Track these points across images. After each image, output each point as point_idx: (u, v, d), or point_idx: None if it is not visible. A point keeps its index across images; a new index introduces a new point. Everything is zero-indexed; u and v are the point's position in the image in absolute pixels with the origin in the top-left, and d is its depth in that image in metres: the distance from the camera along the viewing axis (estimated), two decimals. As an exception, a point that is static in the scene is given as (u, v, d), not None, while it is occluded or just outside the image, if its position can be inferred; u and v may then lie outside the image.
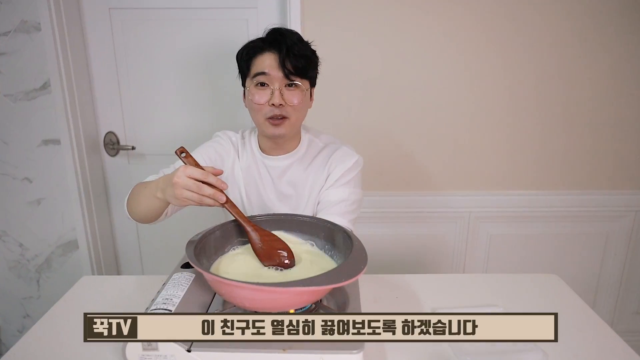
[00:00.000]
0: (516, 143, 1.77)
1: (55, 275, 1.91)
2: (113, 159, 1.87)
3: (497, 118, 1.74)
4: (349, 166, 1.16)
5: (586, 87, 1.71)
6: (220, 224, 0.96)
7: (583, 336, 0.89)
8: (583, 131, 1.76)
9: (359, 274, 0.73)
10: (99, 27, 1.73)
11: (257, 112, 1.12)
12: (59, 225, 1.84)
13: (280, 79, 1.08)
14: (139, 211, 1.05)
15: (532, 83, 1.70)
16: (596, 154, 1.78)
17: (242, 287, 0.72)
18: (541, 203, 1.82)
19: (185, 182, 0.83)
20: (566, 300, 1.03)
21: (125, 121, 1.83)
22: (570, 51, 1.67)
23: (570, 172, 1.81)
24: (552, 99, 1.72)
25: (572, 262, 1.89)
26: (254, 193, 1.22)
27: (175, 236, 1.94)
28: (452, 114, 1.73)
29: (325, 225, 0.97)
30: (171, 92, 1.79)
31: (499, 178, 1.81)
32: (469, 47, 1.66)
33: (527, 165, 1.80)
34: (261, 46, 1.10)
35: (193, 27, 1.72)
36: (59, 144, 1.73)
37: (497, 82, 1.70)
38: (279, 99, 1.08)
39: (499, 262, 1.90)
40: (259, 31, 1.71)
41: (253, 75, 1.11)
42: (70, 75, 1.68)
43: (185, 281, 0.88)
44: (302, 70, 1.09)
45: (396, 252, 1.86)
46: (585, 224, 1.85)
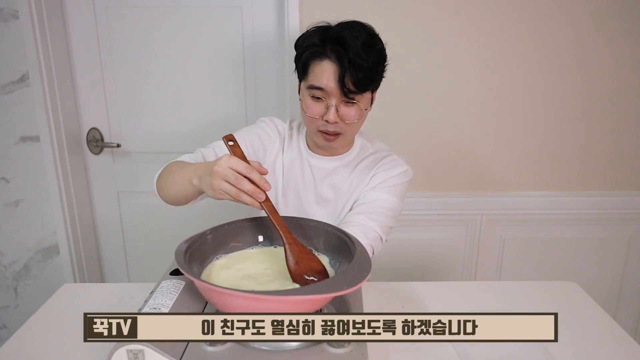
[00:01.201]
0: (531, 141, 1.77)
1: (35, 283, 1.90)
2: (97, 157, 1.87)
3: (510, 114, 1.74)
4: (395, 173, 1.15)
5: (606, 81, 1.70)
6: (212, 228, 0.96)
7: (604, 348, 0.88)
8: (603, 128, 1.76)
9: (361, 282, 0.72)
10: (82, 15, 1.72)
11: (309, 122, 1.12)
12: (38, 228, 1.83)
13: (337, 95, 1.05)
14: (170, 193, 1.03)
15: (548, 77, 1.70)
16: (617, 152, 1.78)
17: (235, 295, 0.71)
18: (558, 205, 1.82)
19: (226, 173, 0.81)
20: (586, 309, 1.02)
21: (109, 117, 1.83)
22: (591, 43, 1.66)
23: (590, 172, 1.80)
24: (569, 94, 1.72)
25: (592, 268, 1.89)
26: (292, 193, 1.21)
27: (164, 241, 1.94)
28: (461, 110, 1.73)
29: (326, 229, 0.96)
30: (160, 86, 1.78)
31: (513, 178, 1.81)
32: (479, 41, 1.66)
33: (543, 165, 1.79)
34: (321, 51, 1.04)
35: (183, 15, 1.71)
36: (38, 141, 1.73)
37: (509, 76, 1.70)
38: (334, 116, 1.06)
39: (512, 268, 1.89)
40: (253, 19, 1.72)
41: (308, 86, 1.08)
42: (51, 67, 1.68)
43: (175, 289, 0.88)
44: (363, 85, 1.05)
45: (402, 258, 1.86)
46: (605, 227, 1.85)
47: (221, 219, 1.01)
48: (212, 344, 0.76)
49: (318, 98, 1.07)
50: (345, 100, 1.06)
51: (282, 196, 1.21)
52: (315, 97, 1.07)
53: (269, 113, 1.76)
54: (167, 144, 1.82)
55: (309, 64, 1.07)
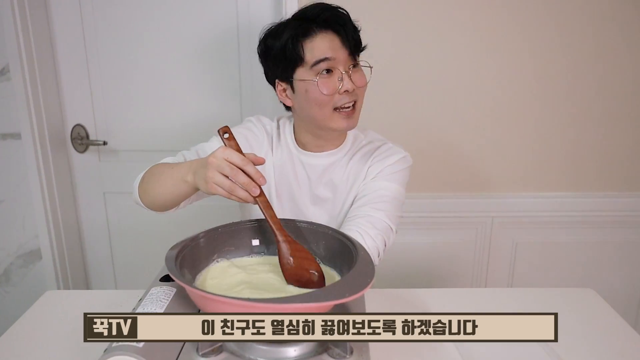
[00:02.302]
0: (545, 139, 1.77)
1: (15, 290, 1.90)
2: (82, 156, 1.87)
3: (522, 111, 1.74)
4: (392, 161, 1.17)
5: (625, 76, 1.71)
6: (205, 231, 0.96)
7: (623, 359, 0.88)
8: (622, 125, 1.76)
9: (364, 289, 0.73)
10: (66, 3, 1.73)
11: (323, 106, 1.09)
12: (19, 231, 1.84)
13: (344, 61, 1.08)
14: (157, 194, 1.03)
15: (564, 72, 1.70)
16: (636, 150, 1.78)
17: (230, 303, 0.71)
18: (574, 206, 1.82)
19: (220, 165, 0.82)
20: (604, 318, 1.03)
21: (95, 112, 1.83)
22: (608, 36, 1.67)
23: (607, 172, 1.81)
24: (587, 90, 1.72)
25: (611, 274, 1.90)
26: (286, 195, 1.21)
27: (153, 245, 1.94)
28: (471, 105, 1.74)
29: (327, 232, 0.96)
30: (149, 79, 1.79)
31: (526, 178, 1.81)
32: (496, 34, 1.66)
33: (557, 164, 1.80)
34: (309, 26, 1.07)
35: (174, 4, 1.71)
36: (19, 138, 1.73)
37: (521, 74, 1.70)
38: (350, 84, 1.08)
39: (526, 274, 1.90)
40: (249, 10, 1.72)
41: (313, 64, 1.07)
42: (33, 59, 1.68)
43: (165, 296, 0.88)
44: (360, 43, 1.13)
45: (407, 262, 1.86)
46: (624, 230, 1.85)
47: (213, 222, 1.01)
48: (205, 354, 0.76)
49: (328, 71, 1.08)
50: (352, 64, 1.10)
51: (277, 199, 1.21)
52: (324, 73, 1.08)
53: (266, 109, 1.77)
54: (156, 142, 1.82)
55: (299, 46, 1.08)
